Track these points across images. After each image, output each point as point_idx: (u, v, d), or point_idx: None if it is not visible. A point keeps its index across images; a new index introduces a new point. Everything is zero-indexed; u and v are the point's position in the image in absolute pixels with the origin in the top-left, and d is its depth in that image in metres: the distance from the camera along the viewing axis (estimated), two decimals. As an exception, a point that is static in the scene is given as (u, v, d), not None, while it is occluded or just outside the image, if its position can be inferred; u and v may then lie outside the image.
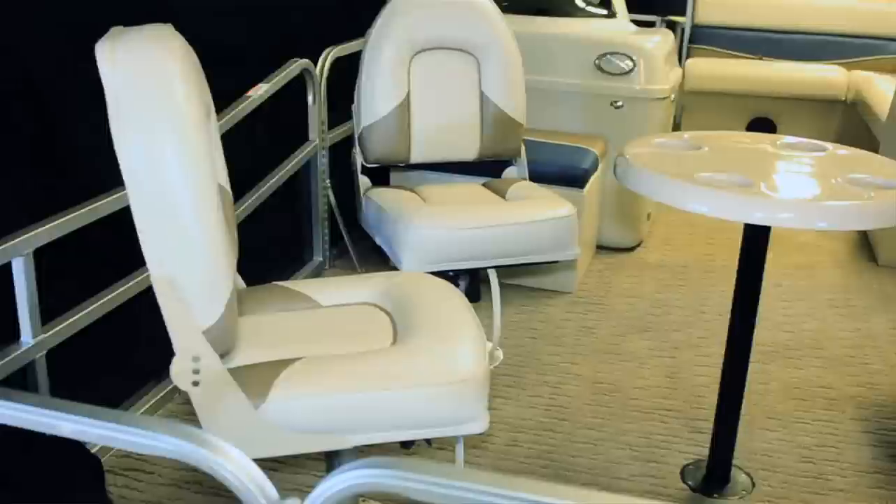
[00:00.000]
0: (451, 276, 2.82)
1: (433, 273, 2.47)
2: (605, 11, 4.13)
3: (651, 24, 5.61)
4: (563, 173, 3.54)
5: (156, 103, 1.61)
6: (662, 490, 2.50)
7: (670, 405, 2.91)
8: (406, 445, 1.98)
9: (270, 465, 2.46)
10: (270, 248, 3.48)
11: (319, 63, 3.49)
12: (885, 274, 3.97)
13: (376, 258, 3.39)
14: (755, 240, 2.32)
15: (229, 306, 1.71)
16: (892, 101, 4.12)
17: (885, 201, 2.04)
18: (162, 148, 1.60)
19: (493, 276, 2.89)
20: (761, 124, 5.54)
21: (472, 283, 2.95)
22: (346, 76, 3.19)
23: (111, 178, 1.77)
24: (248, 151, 3.21)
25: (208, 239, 1.64)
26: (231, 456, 1.21)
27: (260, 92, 3.04)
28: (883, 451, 2.71)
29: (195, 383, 1.71)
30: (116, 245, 2.19)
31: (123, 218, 1.67)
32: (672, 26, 5.77)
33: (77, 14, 2.32)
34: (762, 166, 2.30)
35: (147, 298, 1.66)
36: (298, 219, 3.69)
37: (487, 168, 3.26)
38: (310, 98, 3.47)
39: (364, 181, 3.04)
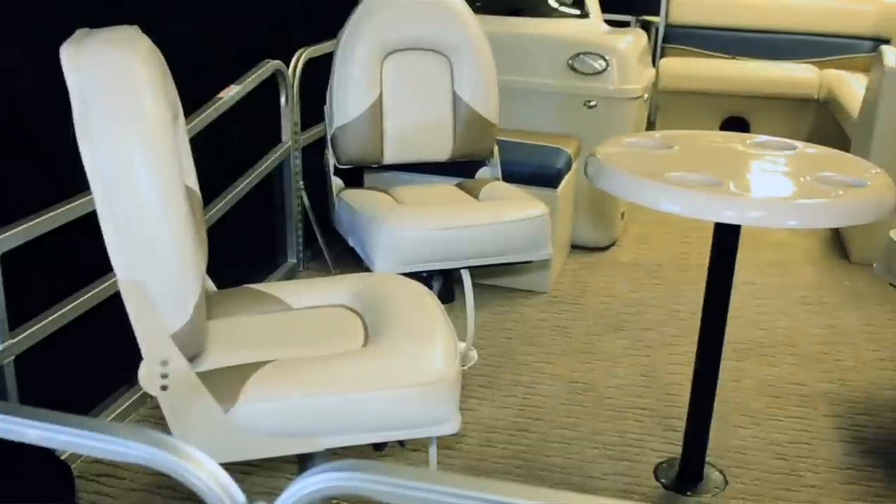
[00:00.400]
0: (425, 277, 2.81)
1: (406, 274, 2.47)
2: (578, 11, 4.14)
3: (626, 24, 5.63)
4: (536, 173, 3.54)
5: (122, 106, 1.60)
6: (636, 489, 2.50)
7: (644, 404, 2.92)
8: (379, 447, 1.97)
9: (243, 469, 2.44)
10: (244, 251, 3.47)
11: (292, 64, 3.48)
12: (856, 271, 4.00)
13: (351, 259, 3.38)
14: (726, 238, 2.33)
15: (198, 309, 1.70)
16: (863, 100, 4.16)
17: (852, 199, 2.06)
18: (128, 151, 1.59)
19: (466, 277, 2.89)
20: (735, 123, 5.57)
21: (445, 283, 2.95)
22: (319, 77, 3.18)
23: (79, 181, 1.75)
24: (220, 153, 3.19)
25: (176, 242, 1.63)
26: (198, 461, 1.20)
27: (231, 93, 3.02)
28: (855, 448, 2.73)
29: (163, 387, 1.70)
30: (85, 249, 2.18)
31: (92, 221, 1.65)
32: (646, 26, 5.79)
33: (41, 15, 2.30)
34: (732, 165, 2.31)
35: (118, 302, 1.64)
36: (272, 221, 3.67)
37: (461, 168, 3.26)
38: (282, 99, 3.46)
39: (337, 182, 3.03)
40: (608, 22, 4.30)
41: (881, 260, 2.77)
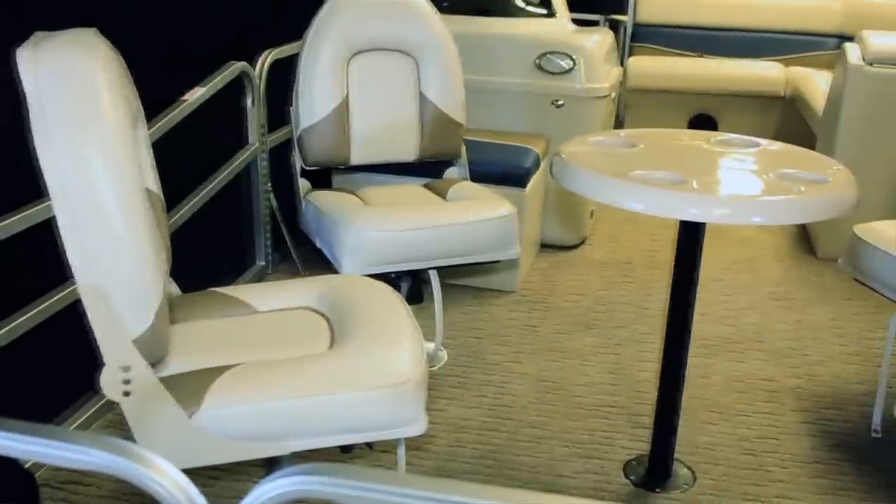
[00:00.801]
0: (393, 278, 2.81)
1: (374, 275, 2.46)
2: (545, 11, 4.14)
3: (595, 23, 5.65)
4: (504, 173, 3.54)
5: (80, 110, 1.59)
6: (605, 486, 2.51)
7: (614, 401, 2.93)
8: (346, 450, 1.96)
9: (210, 473, 2.43)
10: (212, 254, 3.45)
11: (258, 65, 3.46)
12: (823, 266, 4.03)
13: (320, 261, 3.37)
14: (691, 236, 2.34)
15: (160, 314, 1.69)
16: (828, 97, 4.20)
17: (814, 196, 2.08)
18: (86, 155, 1.57)
19: (433, 277, 2.89)
20: (703, 121, 5.60)
21: (414, 284, 2.94)
22: (285, 79, 3.17)
23: (36, 187, 1.73)
24: (186, 156, 3.17)
25: (136, 245, 1.62)
26: (158, 467, 1.19)
27: (196, 95, 3.00)
28: (822, 442, 2.76)
29: (126, 393, 1.69)
30: (46, 255, 2.15)
31: (52, 227, 1.63)
32: (615, 25, 5.81)
33: None
34: (697, 163, 2.32)
35: (82, 307, 1.63)
36: (240, 223, 3.65)
37: (429, 169, 3.25)
38: (248, 101, 3.44)
39: (304, 184, 3.02)
40: (577, 21, 4.31)
41: (846, 255, 2.80)
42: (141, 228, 1.63)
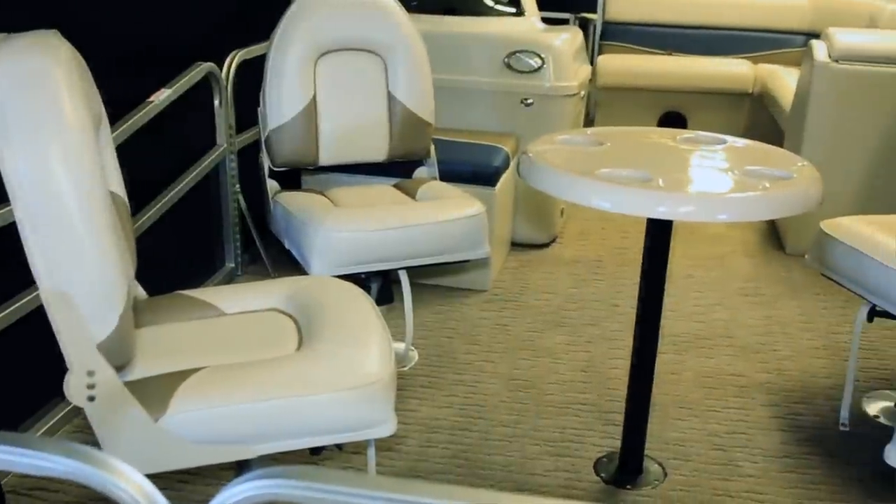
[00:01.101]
0: (363, 279, 2.80)
1: (344, 276, 2.46)
2: (513, 10, 4.15)
3: (564, 22, 5.67)
4: (474, 172, 3.54)
5: (41, 113, 1.57)
6: (577, 484, 2.52)
7: (585, 399, 2.94)
8: (315, 452, 1.95)
9: (180, 478, 2.41)
10: (181, 256, 3.42)
11: (225, 66, 3.44)
12: (792, 262, 4.07)
13: (290, 262, 3.36)
14: (658, 233, 2.35)
15: (124, 317, 1.67)
16: (795, 94, 4.23)
17: (779, 192, 2.09)
18: (48, 158, 1.56)
19: (403, 277, 2.88)
20: (673, 118, 5.63)
21: (384, 284, 2.93)
22: (254, 79, 3.15)
23: None
24: (155, 157, 3.15)
25: (99, 248, 1.60)
26: (122, 472, 1.18)
27: (162, 97, 2.98)
28: (791, 436, 2.78)
29: (91, 398, 1.67)
30: (10, 259, 2.13)
31: (13, 231, 1.61)
32: (585, 24, 5.83)
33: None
34: (663, 161, 2.33)
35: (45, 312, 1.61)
36: (209, 225, 3.63)
37: (399, 169, 3.25)
38: (216, 102, 3.42)
39: (272, 185, 3.00)
40: (547, 20, 4.32)
41: (813, 251, 2.82)
42: (104, 232, 1.62)
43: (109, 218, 1.64)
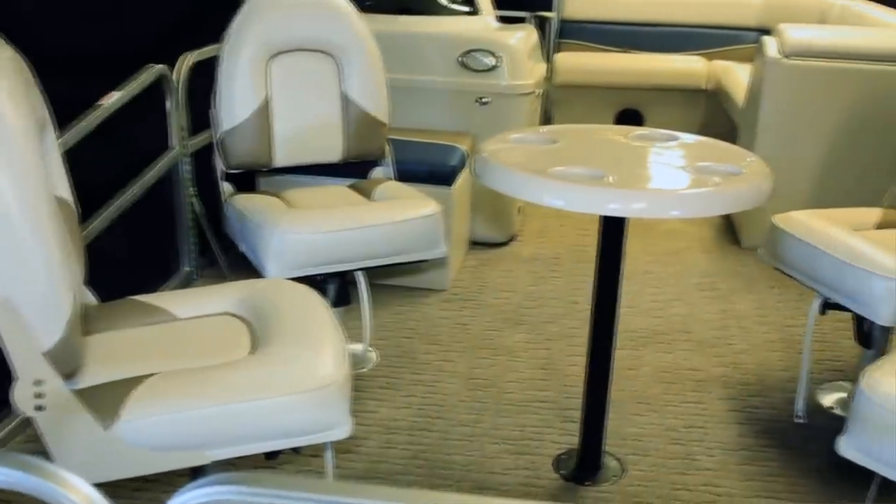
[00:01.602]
0: (320, 281, 2.79)
1: (300, 278, 2.44)
2: (468, 9, 4.15)
3: (522, 20, 5.68)
4: (431, 171, 3.54)
5: (-19, 118, 1.54)
6: (536, 481, 2.52)
7: (544, 397, 2.95)
8: (271, 456, 1.94)
9: (136, 486, 2.38)
10: (136, 261, 3.38)
11: (177, 68, 3.40)
12: (748, 256, 4.10)
13: (247, 265, 3.34)
14: (612, 230, 2.36)
15: (72, 325, 1.65)
16: (748, 89, 4.27)
17: (730, 188, 2.11)
18: (-11, 164, 1.53)
19: (360, 278, 2.87)
20: (629, 115, 5.66)
21: (342, 286, 2.91)
22: (209, 81, 3.12)
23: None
24: (107, 161, 3.11)
25: (44, 255, 1.58)
26: (70, 483, 1.16)
27: (112, 100, 2.94)
28: (748, 429, 2.80)
29: (39, 408, 1.65)
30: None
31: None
32: (543, 22, 5.85)
33: None
34: (616, 158, 2.34)
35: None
36: (164, 229, 3.59)
37: (355, 169, 3.23)
38: (168, 104, 3.38)
39: (226, 188, 2.98)
40: (505, 19, 4.33)
41: (766, 245, 2.85)
42: (49, 237, 1.59)
43: (54, 224, 1.62)
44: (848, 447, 1.90)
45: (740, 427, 2.81)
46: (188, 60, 3.45)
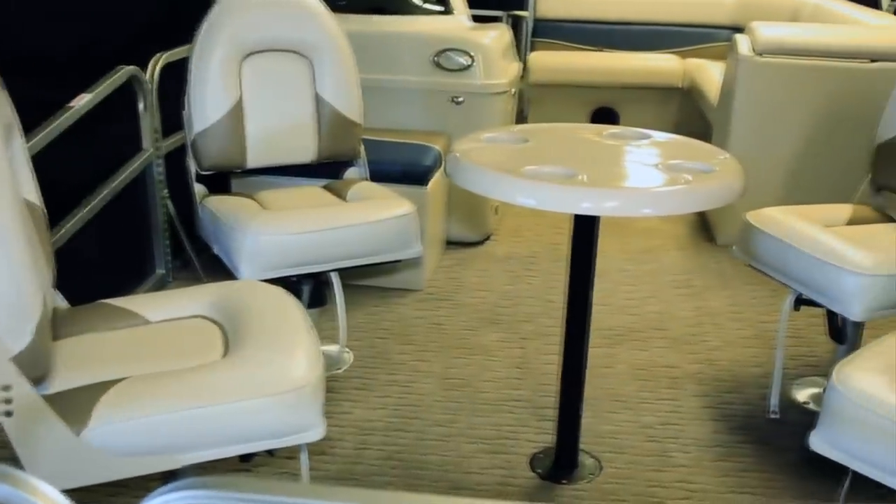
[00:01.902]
0: (294, 282, 2.78)
1: (275, 279, 2.43)
2: (441, 8, 4.15)
3: (498, 20, 5.68)
4: (405, 171, 3.53)
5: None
6: (512, 480, 2.53)
7: (520, 396, 2.95)
8: (245, 459, 1.93)
9: (109, 491, 2.36)
10: (109, 264, 3.36)
11: (149, 69, 3.38)
12: (722, 253, 4.12)
13: (222, 267, 3.33)
14: (584, 229, 2.36)
15: (41, 329, 1.63)
16: (721, 87, 4.30)
17: (701, 185, 2.12)
18: (-46, 167, 1.51)
19: (335, 279, 2.86)
20: (605, 114, 5.67)
21: (316, 287, 2.90)
22: (182, 82, 3.10)
23: None
24: (79, 164, 3.09)
25: (11, 259, 1.56)
26: (38, 490, 1.15)
27: (83, 102, 2.92)
28: (723, 425, 2.82)
29: (7, 413, 1.63)
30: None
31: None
32: (517, 21, 5.86)
33: None
34: (588, 157, 2.35)
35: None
36: (138, 231, 3.57)
37: (329, 170, 3.22)
38: (140, 106, 3.36)
39: (200, 189, 2.96)
40: (480, 18, 4.33)
41: (739, 242, 2.87)
42: (17, 241, 1.58)
43: (22, 227, 1.60)
44: (819, 442, 1.91)
45: (715, 423, 2.83)
46: (160, 61, 3.43)
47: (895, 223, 2.85)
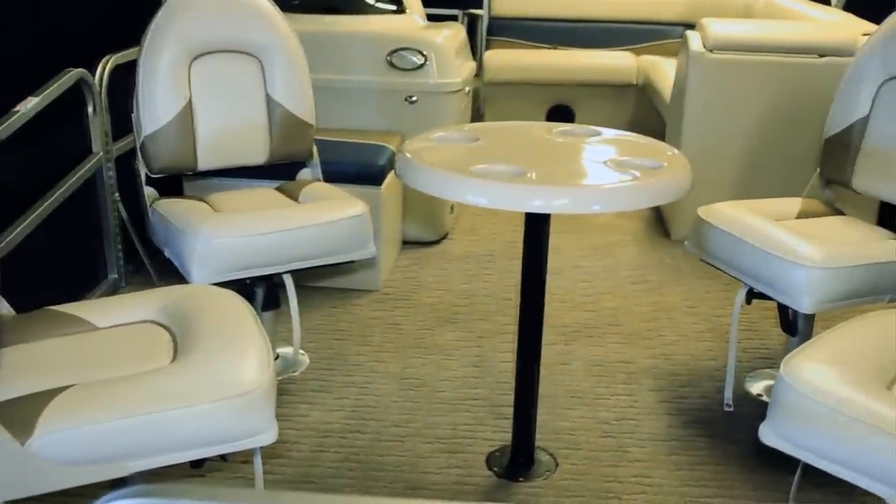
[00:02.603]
0: (248, 284, 2.76)
1: (227, 282, 2.41)
2: (394, 7, 4.14)
3: (454, 18, 5.68)
4: (359, 172, 3.52)
5: None
6: (469, 480, 2.53)
7: (477, 394, 2.95)
8: (197, 465, 1.91)
9: (59, 500, 2.33)
10: (61, 269, 3.31)
11: (98, 71, 3.34)
12: (677, 248, 4.15)
13: (176, 271, 3.30)
14: (536, 226, 2.37)
15: (-18, 338, 1.61)
16: (674, 84, 4.33)
17: (650, 181, 2.13)
18: None
19: (288, 281, 2.84)
20: (560, 111, 5.69)
21: (270, 289, 2.88)
22: (131, 84, 3.06)
23: None
24: (27, 168, 3.04)
25: (-51, 268, 1.53)
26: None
27: (29, 105, 2.87)
28: (678, 419, 2.84)
29: (-51, 424, 1.60)
30: None
31: None
32: (474, 20, 5.86)
33: None
34: (538, 154, 2.35)
35: None
36: (89, 236, 3.52)
37: (282, 171, 3.20)
38: (89, 109, 3.32)
39: (150, 192, 2.93)
40: (436, 17, 4.33)
41: (691, 237, 2.89)
42: (-45, 249, 1.55)
43: (-40, 235, 1.58)
44: (770, 434, 1.93)
45: (670, 418, 2.85)
46: (109, 63, 3.39)
47: (844, 216, 2.89)
